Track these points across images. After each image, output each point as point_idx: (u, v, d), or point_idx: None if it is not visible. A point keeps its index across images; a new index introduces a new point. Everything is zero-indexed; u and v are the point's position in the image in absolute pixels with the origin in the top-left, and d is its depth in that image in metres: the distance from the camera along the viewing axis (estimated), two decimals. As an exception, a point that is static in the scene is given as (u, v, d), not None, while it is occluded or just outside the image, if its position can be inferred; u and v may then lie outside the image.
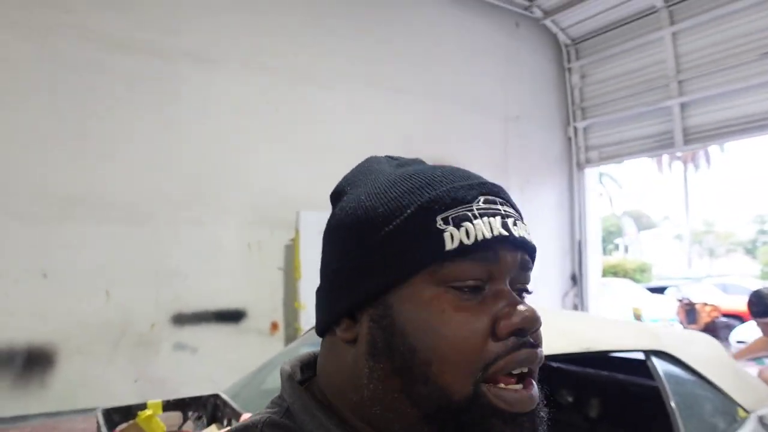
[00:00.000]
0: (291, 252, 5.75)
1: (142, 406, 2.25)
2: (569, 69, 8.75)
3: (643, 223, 43.44)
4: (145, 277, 5.05)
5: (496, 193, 0.59)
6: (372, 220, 0.57)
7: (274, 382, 3.27)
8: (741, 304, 12.67)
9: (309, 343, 3.26)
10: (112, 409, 2.18)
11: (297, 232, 5.49)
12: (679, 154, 26.89)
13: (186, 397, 2.38)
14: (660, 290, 15.98)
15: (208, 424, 2.37)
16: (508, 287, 0.56)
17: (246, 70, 5.72)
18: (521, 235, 0.57)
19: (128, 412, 2.23)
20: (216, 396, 2.40)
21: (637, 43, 7.84)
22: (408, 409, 0.54)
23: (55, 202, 4.71)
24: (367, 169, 0.66)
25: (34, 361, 4.57)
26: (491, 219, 0.55)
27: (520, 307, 0.54)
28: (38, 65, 4.69)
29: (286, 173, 5.79)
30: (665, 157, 31.70)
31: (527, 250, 0.58)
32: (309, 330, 3.61)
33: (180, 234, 5.25)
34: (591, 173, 8.85)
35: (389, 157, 0.69)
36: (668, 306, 13.31)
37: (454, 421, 0.52)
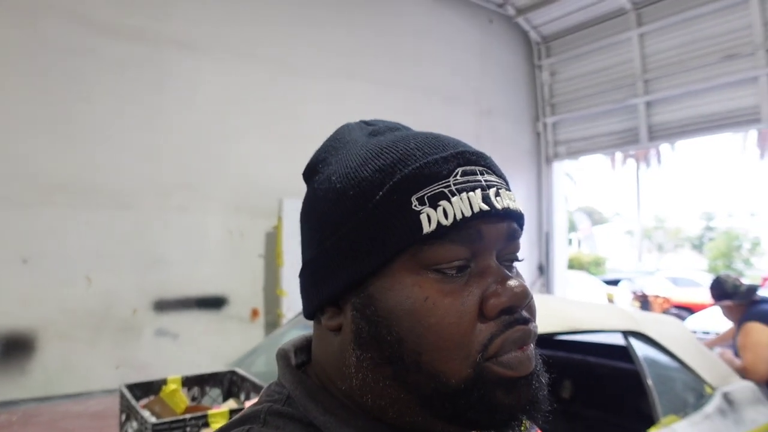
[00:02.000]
0: (272, 239, 5.80)
1: (163, 382, 2.30)
2: (539, 66, 8.99)
3: (595, 219, 44.49)
4: (127, 264, 5.04)
5: (475, 161, 0.54)
6: (344, 206, 0.53)
7: (264, 366, 3.35)
8: (691, 296, 13.27)
9: (300, 327, 3.34)
10: (134, 385, 2.22)
11: (279, 219, 5.54)
12: (632, 152, 27.70)
13: (204, 373, 2.43)
14: (614, 282, 16.44)
15: (225, 400, 2.42)
16: (495, 262, 0.53)
17: (232, 58, 5.73)
18: (505, 205, 0.52)
19: (149, 388, 2.27)
20: (233, 372, 2.45)
21: (605, 43, 8.14)
22: (402, 395, 0.52)
23: (37, 187, 4.66)
24: (338, 141, 0.61)
25: (15, 348, 4.53)
26: (470, 194, 0.51)
27: (510, 283, 0.51)
28: (25, 49, 4.63)
29: (268, 161, 5.83)
30: (618, 155, 32.59)
31: (514, 218, 0.54)
32: (297, 316, 3.67)
33: (162, 221, 5.24)
34: (559, 167, 9.14)
35: (364, 122, 0.63)
36: (622, 297, 13.76)
37: (454, 403, 0.50)
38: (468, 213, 0.50)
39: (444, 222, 0.49)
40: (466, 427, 0.52)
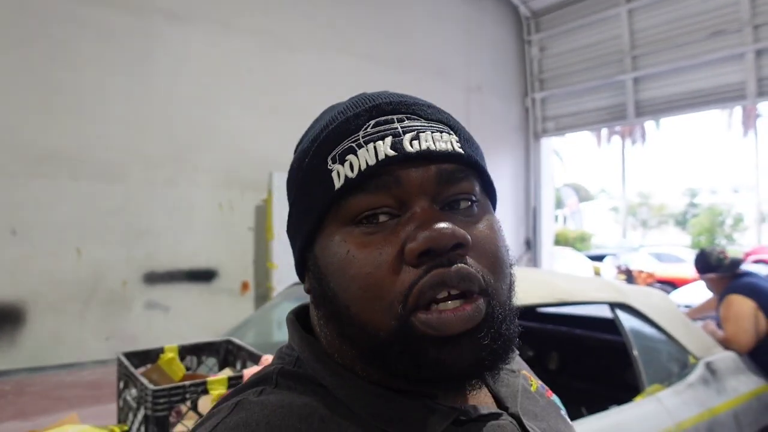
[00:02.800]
0: (262, 212, 5.80)
1: (160, 351, 2.31)
2: (529, 42, 8.98)
3: (581, 195, 44.81)
4: (117, 235, 5.02)
5: (393, 110, 0.54)
6: (291, 177, 0.59)
7: (254, 338, 3.38)
8: (674, 272, 13.48)
9: (292, 299, 3.37)
10: (131, 353, 2.24)
11: (269, 192, 5.54)
12: (618, 127, 27.83)
13: (200, 342, 2.45)
14: (599, 258, 16.64)
15: (220, 369, 2.44)
16: (424, 206, 0.51)
17: (220, 29, 5.66)
18: (425, 147, 0.51)
19: (147, 356, 2.28)
20: (228, 341, 2.47)
21: (594, 19, 8.13)
22: (350, 350, 0.53)
23: (25, 158, 4.61)
24: (316, 119, 0.62)
25: (4, 319, 4.51)
26: (377, 143, 0.51)
27: (431, 226, 0.48)
28: (9, 16, 4.54)
29: (258, 134, 5.80)
30: (604, 132, 32.72)
31: (445, 159, 0.52)
32: (287, 288, 3.68)
33: (152, 192, 5.22)
34: (547, 143, 9.18)
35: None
36: (608, 273, 13.94)
37: (387, 355, 0.50)
38: (372, 161, 0.50)
39: (350, 175, 0.51)
40: (405, 379, 0.52)
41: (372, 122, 0.53)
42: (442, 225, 0.48)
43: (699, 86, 7.27)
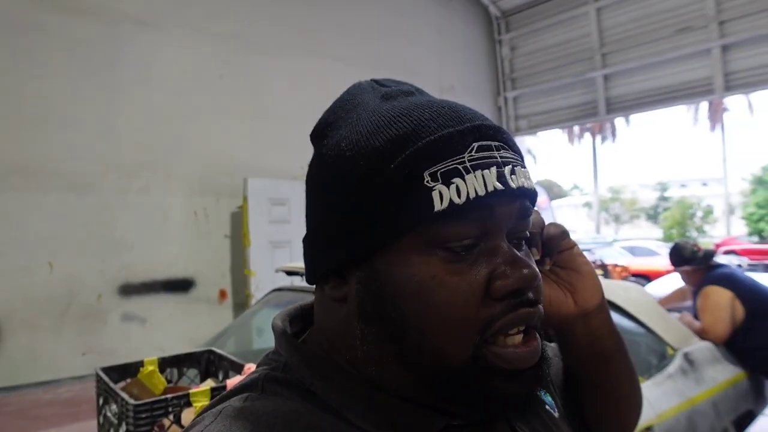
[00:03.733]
0: (238, 219, 5.75)
1: (140, 364, 2.27)
2: (500, 41, 9.06)
3: (554, 193, 45.33)
4: (91, 248, 4.93)
5: (492, 136, 0.52)
6: (354, 175, 0.51)
7: (234, 346, 3.34)
8: (647, 264, 13.69)
9: (272, 305, 3.34)
10: (110, 368, 2.20)
11: (245, 199, 5.49)
12: (589, 124, 28.18)
13: (180, 353, 2.41)
14: (574, 254, 16.78)
15: (202, 380, 2.41)
16: (506, 242, 0.51)
17: (190, 35, 5.60)
18: (520, 184, 0.51)
19: (126, 371, 2.24)
20: (210, 351, 2.44)
21: (563, 17, 8.24)
22: (403, 372, 0.52)
23: (-7, 171, 4.51)
24: (349, 103, 0.58)
25: (-24, 337, 4.42)
26: (485, 172, 0.49)
27: (519, 265, 0.50)
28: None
29: (232, 140, 5.75)
30: (576, 129, 33.14)
31: (527, 196, 0.53)
32: (266, 295, 3.65)
33: (125, 203, 5.14)
34: (520, 141, 9.25)
35: (375, 82, 0.61)
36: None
37: (452, 384, 0.50)
38: (482, 192, 0.48)
39: (457, 201, 0.48)
40: (467, 407, 0.53)
41: (476, 145, 0.50)
42: (528, 266, 0.50)
43: (667, 82, 7.41)
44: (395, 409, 0.53)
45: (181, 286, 5.45)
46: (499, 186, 0.49)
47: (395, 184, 0.49)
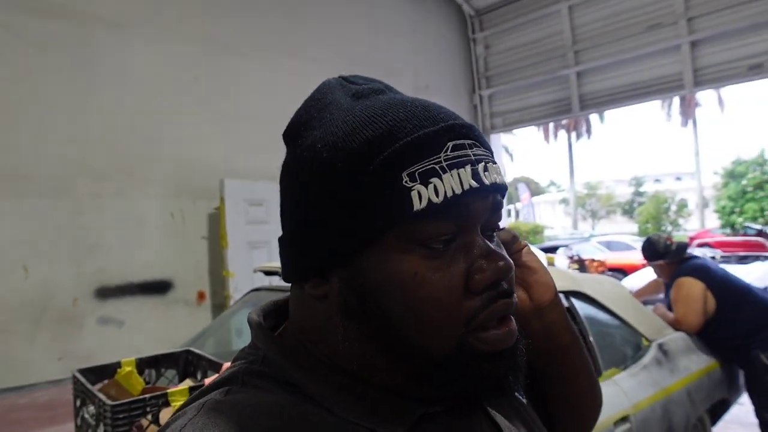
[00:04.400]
0: (215, 220, 5.72)
1: (117, 365, 2.26)
2: (474, 39, 9.10)
3: (532, 190, 45.69)
4: (65, 251, 4.86)
5: (465, 134, 0.53)
6: (332, 178, 0.51)
7: (213, 347, 3.33)
8: (624, 259, 13.90)
9: (250, 305, 3.34)
10: (87, 369, 2.18)
11: (222, 200, 5.46)
12: (564, 121, 28.49)
13: (158, 353, 2.40)
14: (552, 250, 16.96)
15: (180, 380, 2.40)
16: (480, 236, 0.53)
17: (164, 37, 5.54)
18: (493, 180, 0.52)
19: (103, 372, 2.23)
20: (188, 351, 2.43)
21: (536, 15, 8.31)
22: (388, 365, 0.53)
23: (-37, 176, 4.43)
24: (320, 102, 0.59)
25: (-51, 344, 4.34)
26: (461, 170, 0.50)
27: (495, 258, 0.52)
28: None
29: (207, 142, 5.70)
30: (551, 126, 33.46)
31: (499, 191, 0.54)
32: (244, 296, 3.65)
33: (100, 205, 5.07)
34: (496, 139, 9.33)
35: (343, 79, 0.61)
36: (561, 262, 14.25)
37: (438, 372, 0.52)
38: (458, 190, 0.50)
39: (435, 200, 0.49)
40: (453, 393, 0.54)
41: (450, 145, 0.51)
42: (502, 259, 0.52)
43: (639, 78, 7.52)
44: (375, 399, 0.54)
45: (158, 288, 5.40)
46: (474, 184, 0.50)
47: (374, 186, 0.50)
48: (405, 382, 0.54)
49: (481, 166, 0.52)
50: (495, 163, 0.55)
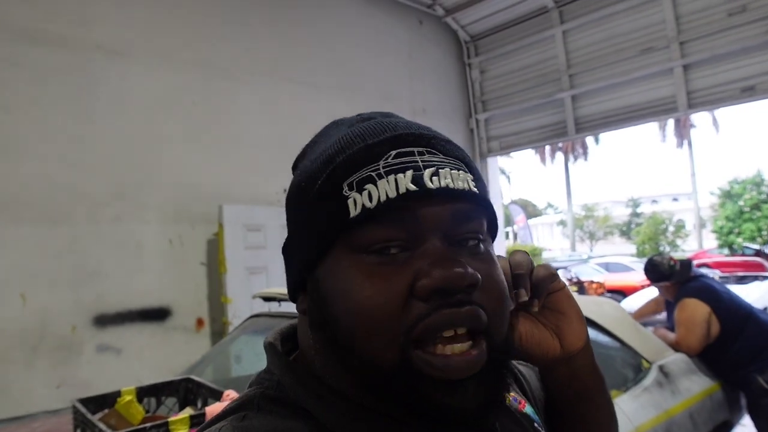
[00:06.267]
0: (213, 246, 5.72)
1: (117, 394, 2.25)
2: (469, 64, 9.22)
3: (529, 212, 45.77)
4: (63, 278, 4.86)
5: (414, 142, 0.53)
6: (300, 193, 0.56)
7: (212, 374, 3.31)
8: (622, 280, 13.87)
9: (249, 332, 3.33)
10: (87, 399, 2.17)
11: (221, 226, 5.47)
12: (561, 144, 28.65)
13: (158, 382, 2.40)
14: (551, 272, 16.92)
15: (181, 409, 2.39)
16: (438, 243, 0.51)
17: (162, 63, 5.60)
18: (444, 185, 0.51)
19: (103, 401, 2.22)
20: (188, 380, 2.43)
21: (531, 40, 8.44)
22: (348, 377, 0.53)
23: (-39, 203, 4.44)
24: (321, 135, 0.61)
25: (-54, 373, 4.31)
26: (398, 176, 0.51)
27: (445, 265, 0.49)
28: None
29: (205, 167, 5.73)
30: (548, 149, 33.62)
31: (462, 198, 0.53)
32: (243, 322, 3.63)
33: (98, 232, 5.08)
34: (493, 162, 9.39)
35: (358, 115, 0.62)
36: (560, 285, 14.20)
37: (388, 388, 0.50)
38: (393, 194, 0.50)
39: (368, 205, 0.50)
40: (418, 417, 0.51)
41: (393, 153, 0.52)
42: (457, 266, 0.49)
43: (633, 101, 7.61)
44: (383, 428, 0.53)
45: (157, 315, 5.38)
46: (412, 187, 0.50)
47: (320, 199, 0.53)
48: (367, 397, 0.53)
49: (428, 171, 0.51)
50: (459, 169, 0.54)
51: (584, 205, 42.46)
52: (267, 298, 3.47)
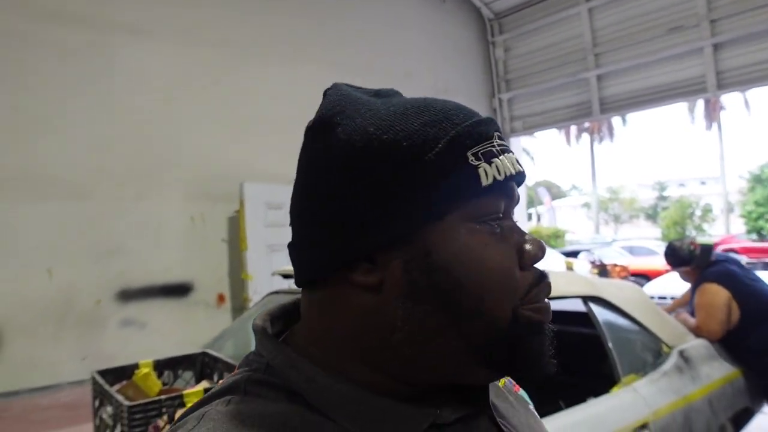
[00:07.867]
0: (235, 224, 5.77)
1: (135, 367, 2.29)
2: (493, 43, 9.09)
3: (553, 193, 45.36)
4: (88, 254, 4.95)
5: (496, 128, 0.57)
6: (395, 156, 0.51)
7: (232, 349, 3.36)
8: (647, 264, 13.71)
9: (269, 307, 3.35)
10: (106, 371, 2.21)
11: (242, 203, 5.51)
12: (586, 125, 28.22)
13: (176, 355, 2.43)
14: (573, 254, 16.77)
15: (197, 382, 2.42)
16: (514, 221, 0.57)
17: (182, 42, 5.63)
18: (520, 170, 0.56)
19: (122, 373, 2.25)
20: (205, 353, 2.45)
21: (556, 18, 8.28)
22: (452, 342, 0.53)
23: (-12, 180, 4.53)
24: (347, 98, 0.57)
25: (-24, 344, 4.43)
26: (508, 155, 0.55)
27: (534, 239, 0.56)
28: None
29: (226, 146, 5.77)
30: (573, 129, 33.18)
31: (522, 181, 0.59)
32: (263, 298, 3.66)
33: (122, 209, 5.16)
34: (516, 143, 9.30)
35: (347, 85, 0.61)
36: (582, 268, 14.10)
37: (498, 345, 0.53)
38: (509, 173, 0.54)
39: (498, 177, 0.53)
40: (502, 372, 0.57)
41: (496, 134, 0.55)
42: (541, 241, 0.57)
43: (660, 81, 7.44)
44: (382, 409, 0.53)
45: (179, 290, 5.47)
46: (518, 169, 0.55)
47: (443, 164, 0.51)
48: (461, 362, 0.54)
49: (514, 156, 0.56)
50: (512, 152, 0.59)
51: (609, 187, 41.92)
52: (286, 276, 3.49)
